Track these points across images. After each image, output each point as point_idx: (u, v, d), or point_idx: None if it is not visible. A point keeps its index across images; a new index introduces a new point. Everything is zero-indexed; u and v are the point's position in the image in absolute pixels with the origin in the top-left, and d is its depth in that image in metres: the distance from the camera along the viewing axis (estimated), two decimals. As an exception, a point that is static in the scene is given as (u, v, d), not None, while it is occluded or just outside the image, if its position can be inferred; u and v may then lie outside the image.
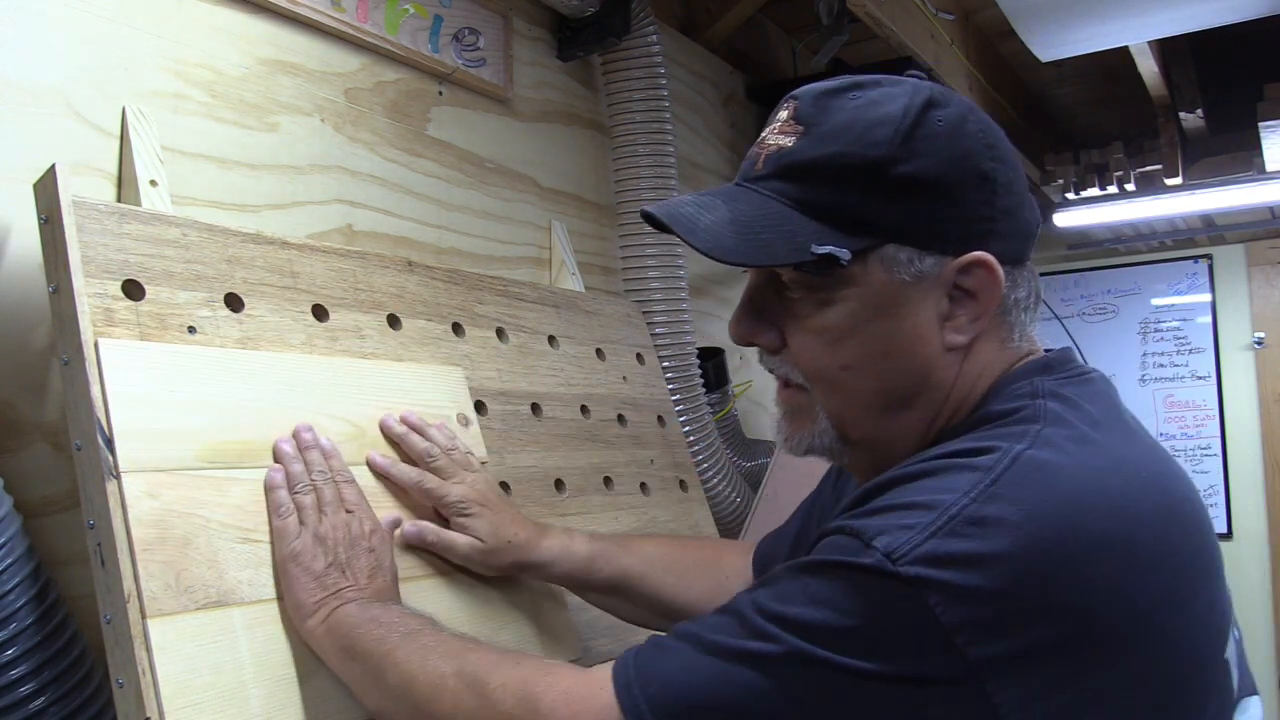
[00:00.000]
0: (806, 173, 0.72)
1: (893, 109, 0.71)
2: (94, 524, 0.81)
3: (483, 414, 1.22)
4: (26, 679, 0.84)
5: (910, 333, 0.73)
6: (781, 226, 0.71)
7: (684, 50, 2.09)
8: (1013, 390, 0.73)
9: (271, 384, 0.97)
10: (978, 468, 0.65)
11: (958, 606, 0.60)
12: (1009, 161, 0.74)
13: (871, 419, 0.75)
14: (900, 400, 0.75)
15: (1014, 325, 0.76)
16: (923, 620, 0.60)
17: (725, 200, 0.74)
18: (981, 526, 0.61)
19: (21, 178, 0.93)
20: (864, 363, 0.73)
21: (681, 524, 1.49)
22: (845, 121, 0.71)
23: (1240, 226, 3.80)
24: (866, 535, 0.63)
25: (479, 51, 1.51)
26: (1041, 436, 0.67)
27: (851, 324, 0.73)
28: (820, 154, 0.71)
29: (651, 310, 1.70)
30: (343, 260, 1.13)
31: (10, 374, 0.94)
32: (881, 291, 0.72)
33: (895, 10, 2.02)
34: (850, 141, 0.71)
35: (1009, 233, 0.73)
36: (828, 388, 0.75)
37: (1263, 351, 3.88)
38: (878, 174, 0.70)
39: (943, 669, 0.61)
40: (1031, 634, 0.60)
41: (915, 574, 0.61)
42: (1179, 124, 3.15)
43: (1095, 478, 0.65)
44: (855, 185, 0.71)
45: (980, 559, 0.60)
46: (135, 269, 0.91)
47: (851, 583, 0.63)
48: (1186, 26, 2.28)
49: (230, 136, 1.16)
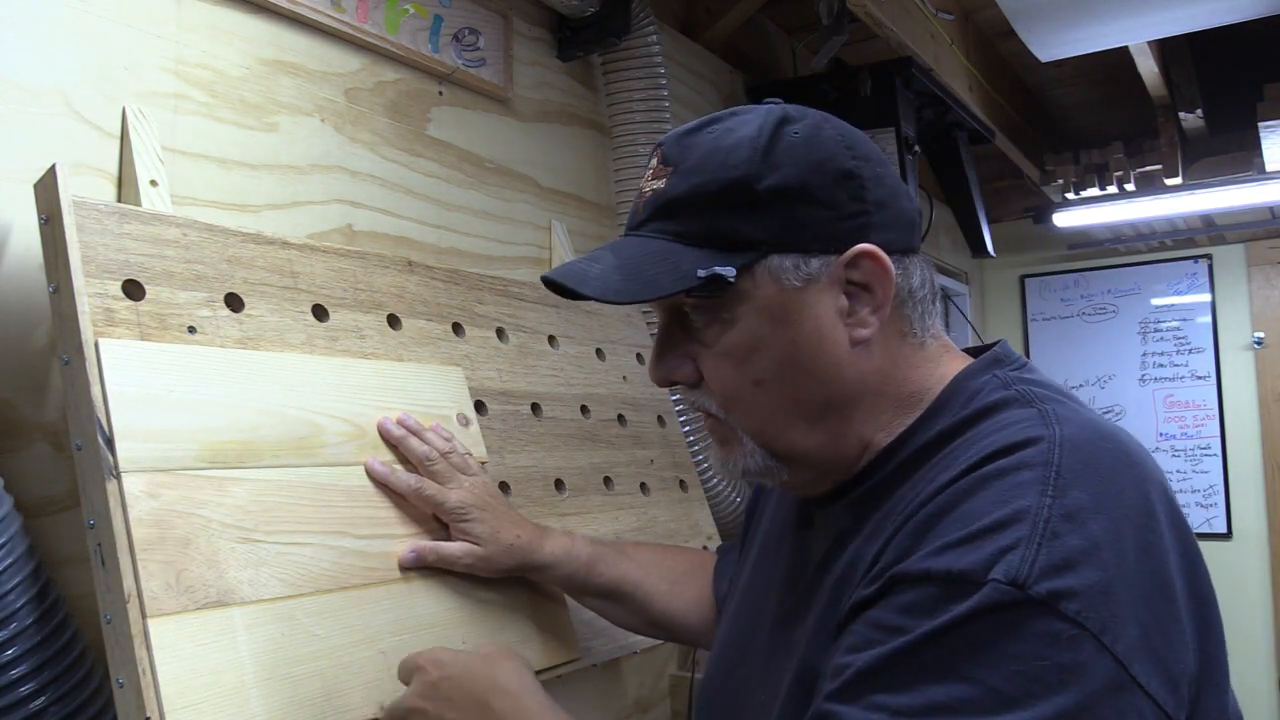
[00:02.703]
0: (680, 207, 0.74)
1: (747, 131, 0.74)
2: (94, 524, 0.81)
3: (483, 414, 1.22)
4: (26, 679, 0.84)
5: (812, 335, 0.74)
6: (666, 260, 0.73)
7: (684, 50, 2.09)
8: (980, 384, 0.75)
9: (271, 384, 0.97)
10: (1034, 463, 0.64)
11: (1094, 606, 0.59)
12: (873, 158, 0.76)
13: (798, 431, 0.76)
14: (821, 406, 0.75)
15: (913, 316, 0.77)
16: (1074, 634, 0.58)
17: (612, 250, 0.77)
18: (1073, 520, 0.61)
19: (21, 178, 0.93)
20: (774, 374, 0.74)
21: (681, 524, 1.49)
22: (706, 152, 0.74)
23: (1240, 226, 3.80)
24: (975, 574, 0.60)
25: (479, 51, 1.51)
26: (1054, 416, 0.68)
27: (754, 339, 0.74)
28: (688, 186, 0.74)
29: (651, 310, 1.70)
30: (343, 260, 1.13)
31: (10, 374, 0.94)
32: (775, 301, 0.73)
33: (895, 10, 2.02)
34: (714, 168, 0.73)
35: (887, 223, 0.75)
36: (745, 408, 0.76)
37: (1262, 351, 3.88)
38: (743, 191, 0.72)
39: (1109, 678, 0.58)
40: (1151, 609, 0.61)
41: (1047, 590, 0.58)
42: (1179, 124, 3.15)
43: (1117, 445, 0.67)
44: (725, 207, 0.73)
45: (1087, 552, 0.60)
46: (135, 269, 0.91)
47: (988, 631, 0.59)
48: (1186, 26, 2.28)
49: (230, 136, 1.16)
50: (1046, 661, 0.57)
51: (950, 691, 0.58)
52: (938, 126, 2.55)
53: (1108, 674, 0.58)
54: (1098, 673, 0.58)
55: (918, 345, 0.78)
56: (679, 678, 1.69)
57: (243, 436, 0.92)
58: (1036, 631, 0.58)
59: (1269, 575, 3.78)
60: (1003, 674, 0.58)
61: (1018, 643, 0.58)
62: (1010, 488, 0.63)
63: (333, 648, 0.90)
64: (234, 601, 0.84)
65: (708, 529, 1.56)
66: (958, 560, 0.61)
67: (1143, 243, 3.97)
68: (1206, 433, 3.96)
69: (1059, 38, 2.31)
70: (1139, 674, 0.58)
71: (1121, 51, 2.55)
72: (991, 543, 0.61)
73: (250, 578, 0.86)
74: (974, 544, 0.61)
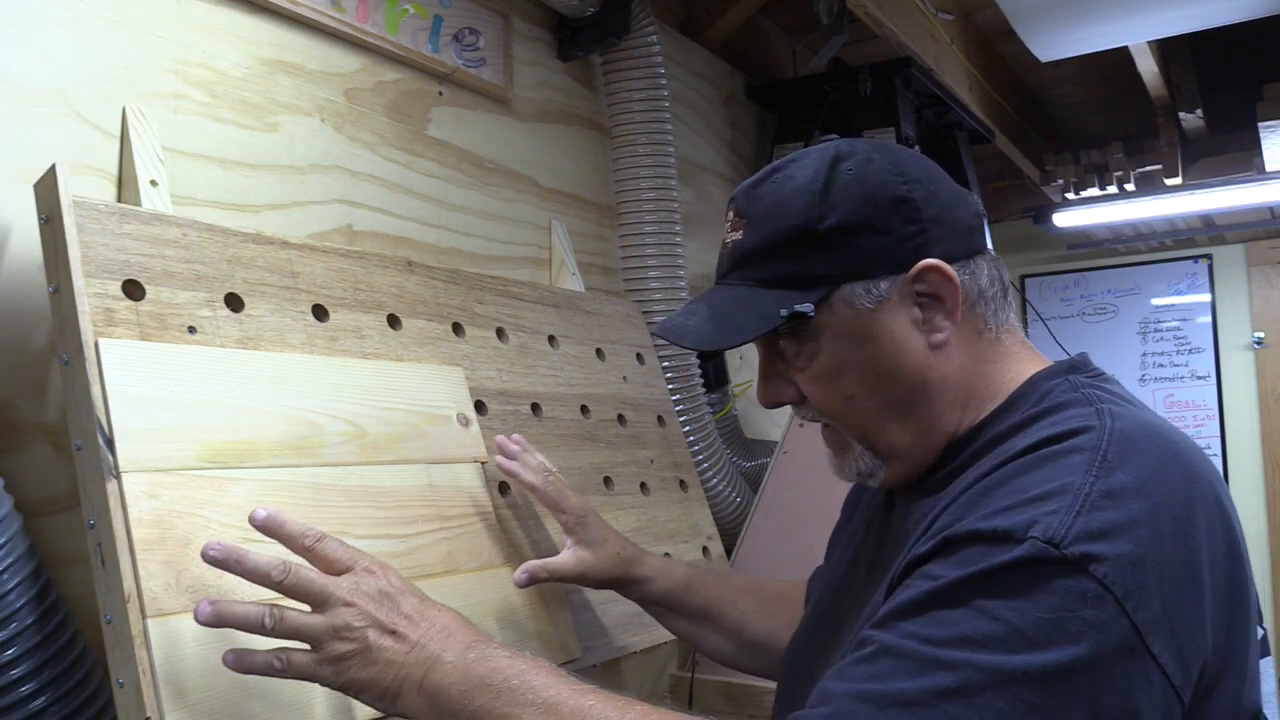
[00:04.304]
0: (755, 256, 0.83)
1: (804, 178, 0.82)
2: (94, 524, 0.81)
3: (483, 414, 1.22)
4: (27, 679, 0.84)
5: (891, 348, 0.81)
6: (749, 306, 0.82)
7: (684, 50, 2.09)
8: (1052, 386, 0.81)
9: (271, 384, 0.97)
10: (1084, 448, 0.70)
11: (1122, 574, 0.63)
12: (924, 178, 0.83)
13: (891, 431, 0.83)
14: (909, 405, 0.82)
15: (986, 314, 0.84)
16: (1099, 594, 0.63)
17: (704, 302, 0.87)
18: (1114, 498, 0.66)
19: (21, 178, 0.93)
20: (862, 388, 0.82)
21: (682, 524, 1.49)
22: (771, 203, 0.83)
23: (1240, 226, 3.80)
24: (1017, 531, 0.65)
25: (479, 51, 1.51)
26: (1111, 413, 0.73)
27: (840, 360, 0.82)
28: (760, 237, 0.83)
29: (651, 310, 1.70)
30: (343, 260, 1.13)
31: (10, 374, 0.94)
32: (853, 325, 0.81)
33: (895, 10, 2.02)
34: (779, 218, 0.82)
35: (945, 236, 0.82)
36: (845, 419, 0.85)
37: (1262, 351, 3.88)
38: (808, 235, 0.80)
39: (1124, 640, 0.63)
40: (1176, 592, 0.65)
41: (1080, 551, 0.63)
42: (1179, 124, 3.15)
43: (1167, 442, 0.72)
44: (794, 251, 0.81)
45: (1123, 526, 0.65)
46: (135, 269, 0.91)
47: (1021, 580, 0.64)
48: (1186, 26, 2.28)
49: (230, 136, 1.16)
50: (1071, 614, 0.62)
51: (977, 626, 0.64)
52: (937, 126, 2.55)
53: (1124, 637, 0.62)
54: (1114, 633, 0.62)
55: (994, 340, 0.85)
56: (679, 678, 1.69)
57: (243, 436, 0.92)
58: (1065, 587, 0.63)
59: (1269, 575, 3.78)
60: (1029, 619, 0.63)
61: (1046, 594, 0.63)
62: (1060, 467, 0.69)
63: (333, 648, 0.90)
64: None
65: (708, 529, 1.56)
66: (1003, 521, 0.67)
67: (1143, 243, 3.97)
68: (1206, 433, 3.96)
69: (1059, 38, 2.31)
70: (1153, 645, 0.63)
71: (1121, 51, 2.55)
72: (1035, 509, 0.66)
73: (250, 578, 0.86)
74: (1019, 509, 0.67)
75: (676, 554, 1.43)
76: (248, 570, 0.77)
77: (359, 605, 0.78)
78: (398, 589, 0.80)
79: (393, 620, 0.78)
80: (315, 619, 0.77)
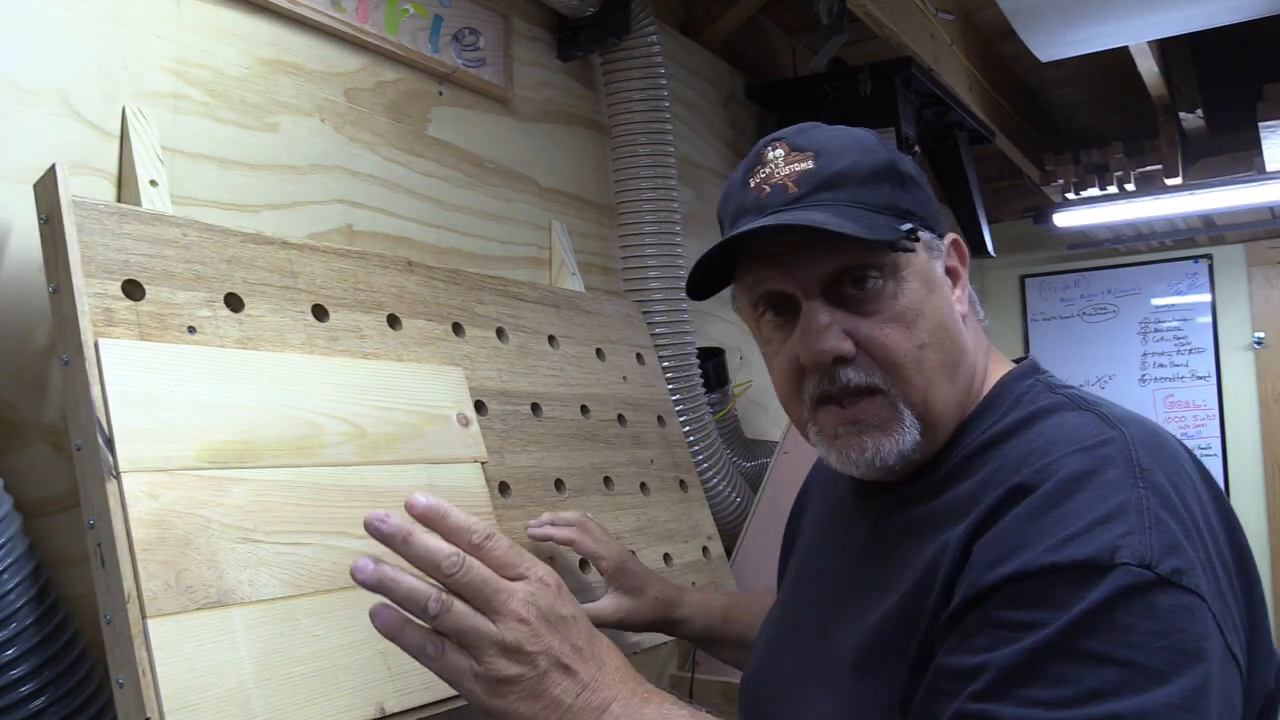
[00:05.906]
0: (845, 179, 0.77)
1: (858, 130, 0.82)
2: (94, 524, 0.81)
3: (483, 414, 1.22)
4: (27, 679, 0.84)
5: (947, 304, 0.81)
6: (862, 218, 0.75)
7: (684, 50, 2.09)
8: (1024, 388, 0.81)
9: (271, 384, 0.97)
10: (1117, 461, 0.69)
11: (1204, 579, 0.64)
12: None
13: (945, 392, 0.79)
14: (955, 368, 0.80)
15: (975, 300, 0.86)
16: (1196, 604, 0.63)
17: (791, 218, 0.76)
18: (1169, 508, 0.66)
19: (21, 178, 0.93)
20: (933, 338, 0.78)
21: (682, 524, 1.49)
22: (841, 141, 0.79)
23: (1240, 226, 3.80)
24: (1101, 559, 0.63)
25: (479, 51, 1.51)
26: (1112, 417, 0.74)
27: (919, 303, 0.78)
28: (847, 162, 0.78)
29: (651, 310, 1.70)
30: (343, 260, 1.13)
31: (10, 374, 0.94)
32: (928, 269, 0.80)
33: (895, 10, 2.02)
34: (861, 150, 0.79)
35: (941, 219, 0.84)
36: (911, 371, 0.77)
37: (1263, 351, 3.88)
38: (893, 169, 0.79)
39: (1220, 643, 0.63)
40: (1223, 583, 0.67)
41: (1172, 567, 0.63)
42: (1179, 124, 3.15)
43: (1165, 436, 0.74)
44: (885, 181, 0.78)
45: (1187, 533, 0.65)
46: (135, 269, 0.91)
47: (1124, 612, 0.61)
48: (1186, 26, 2.28)
49: (230, 136, 1.16)
50: (1185, 632, 0.61)
51: (1104, 676, 0.60)
52: (937, 126, 2.55)
53: (1220, 641, 0.63)
54: (1216, 638, 0.63)
55: (981, 326, 0.87)
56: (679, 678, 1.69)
57: (242, 436, 0.92)
58: (1169, 606, 0.62)
59: (1269, 575, 3.77)
60: (1149, 652, 0.61)
61: (1155, 619, 0.61)
62: (1104, 486, 0.67)
63: (332, 648, 0.90)
64: (234, 602, 0.84)
65: (708, 529, 1.56)
66: (1080, 550, 0.64)
67: (1143, 243, 3.97)
68: (1207, 433, 3.96)
69: (1059, 38, 2.31)
70: (1229, 639, 0.64)
71: (1121, 51, 2.55)
72: (1107, 531, 0.64)
73: (250, 578, 0.86)
74: (1090, 535, 0.64)
75: (676, 554, 1.43)
76: (416, 552, 0.67)
77: (534, 625, 0.67)
78: (571, 614, 0.70)
79: (565, 651, 0.68)
80: (487, 624, 0.67)
